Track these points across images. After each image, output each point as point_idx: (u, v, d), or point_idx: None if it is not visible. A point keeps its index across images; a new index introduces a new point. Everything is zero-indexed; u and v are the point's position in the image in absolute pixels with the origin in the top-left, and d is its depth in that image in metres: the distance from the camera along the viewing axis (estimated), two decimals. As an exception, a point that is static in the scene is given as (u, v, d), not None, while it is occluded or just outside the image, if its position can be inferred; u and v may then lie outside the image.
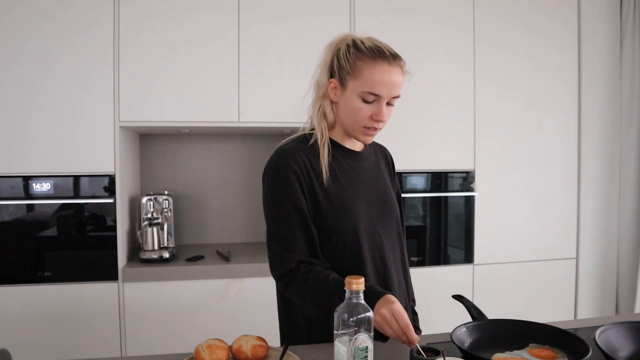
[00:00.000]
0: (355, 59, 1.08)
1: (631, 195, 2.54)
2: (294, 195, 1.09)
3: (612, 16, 2.54)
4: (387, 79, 1.07)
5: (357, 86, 1.09)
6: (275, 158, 1.14)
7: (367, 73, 1.07)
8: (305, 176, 1.10)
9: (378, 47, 1.09)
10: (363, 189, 1.17)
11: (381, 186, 1.23)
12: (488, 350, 1.00)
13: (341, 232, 1.12)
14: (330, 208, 1.11)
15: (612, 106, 2.56)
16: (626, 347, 1.02)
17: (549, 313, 2.45)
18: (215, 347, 0.97)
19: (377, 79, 1.07)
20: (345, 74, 1.10)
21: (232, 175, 2.63)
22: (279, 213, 1.10)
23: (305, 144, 1.15)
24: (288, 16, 2.17)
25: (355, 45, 1.10)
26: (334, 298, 0.98)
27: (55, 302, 1.95)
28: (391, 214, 1.22)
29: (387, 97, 1.09)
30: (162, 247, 2.15)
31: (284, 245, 1.09)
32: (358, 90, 1.09)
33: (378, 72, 1.07)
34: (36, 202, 1.96)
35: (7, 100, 1.93)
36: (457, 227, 2.40)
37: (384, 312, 0.95)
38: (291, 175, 1.10)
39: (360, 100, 1.09)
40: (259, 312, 2.05)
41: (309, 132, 1.20)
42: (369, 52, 1.08)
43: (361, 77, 1.08)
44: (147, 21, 2.04)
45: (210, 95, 2.11)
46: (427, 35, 2.29)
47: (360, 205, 1.15)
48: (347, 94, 1.11)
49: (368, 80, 1.07)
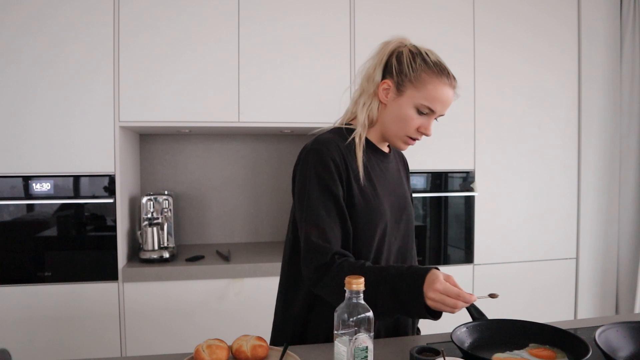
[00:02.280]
0: (421, 70, 1.09)
1: (631, 195, 2.54)
2: (335, 185, 1.07)
3: (612, 16, 2.54)
4: (445, 97, 1.10)
5: (416, 97, 1.09)
6: (315, 145, 1.10)
7: (431, 88, 1.08)
8: (344, 170, 1.09)
9: (442, 64, 1.11)
10: (388, 191, 1.17)
11: (401, 190, 1.24)
12: (488, 350, 1.00)
13: (367, 231, 1.11)
14: (362, 206, 1.10)
15: (612, 106, 2.56)
16: (626, 347, 1.02)
17: (549, 313, 2.45)
18: (215, 347, 0.97)
19: (438, 96, 1.09)
20: (407, 81, 1.09)
21: (232, 175, 2.63)
22: (318, 201, 1.06)
23: (342, 138, 1.13)
24: (288, 16, 2.16)
25: (421, 55, 1.10)
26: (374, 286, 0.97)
27: (55, 302, 1.95)
28: (409, 219, 1.23)
29: (439, 114, 1.12)
30: (162, 247, 2.15)
31: (322, 237, 1.05)
32: (416, 101, 1.09)
33: (441, 89, 1.09)
34: (36, 202, 1.96)
35: (7, 100, 1.93)
36: (457, 227, 2.40)
37: (433, 295, 0.93)
38: (332, 165, 1.07)
39: (414, 111, 1.10)
40: (259, 312, 2.05)
41: (345, 125, 1.18)
42: (436, 68, 1.09)
43: (423, 90, 1.09)
44: (147, 21, 2.04)
45: (210, 95, 2.11)
46: (427, 34, 2.28)
47: (386, 207, 1.15)
48: (402, 100, 1.11)
49: (430, 95, 1.09)
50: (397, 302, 0.98)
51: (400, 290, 0.97)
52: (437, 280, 0.94)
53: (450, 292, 0.93)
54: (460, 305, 0.94)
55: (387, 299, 0.98)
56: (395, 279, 0.98)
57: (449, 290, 0.93)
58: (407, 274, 0.98)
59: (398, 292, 0.97)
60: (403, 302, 0.97)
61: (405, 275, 0.98)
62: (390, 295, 0.98)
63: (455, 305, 0.93)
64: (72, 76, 1.97)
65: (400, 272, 1.00)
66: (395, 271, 1.00)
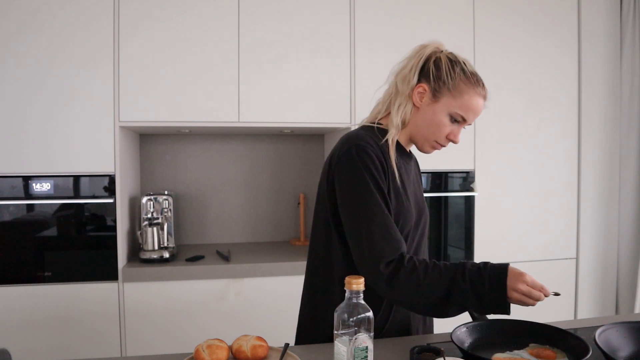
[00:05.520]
0: (459, 79, 1.10)
1: (631, 195, 2.54)
2: (383, 181, 1.07)
3: (612, 16, 2.54)
4: (479, 108, 1.12)
5: (452, 104, 1.10)
6: (358, 141, 1.08)
7: (468, 98, 1.10)
8: (384, 170, 1.09)
9: (478, 75, 1.13)
10: (412, 193, 1.18)
11: (420, 192, 1.25)
12: (488, 350, 1.00)
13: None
14: (397, 208, 1.10)
15: (612, 106, 2.56)
16: (626, 347, 1.02)
17: (549, 313, 2.44)
18: (215, 347, 0.97)
19: (473, 106, 1.11)
20: (445, 88, 1.10)
21: (232, 175, 2.63)
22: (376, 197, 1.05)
23: (377, 138, 1.12)
24: (288, 16, 2.16)
25: (460, 64, 1.12)
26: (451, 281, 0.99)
27: (55, 302, 1.95)
28: (426, 221, 1.23)
29: (469, 123, 1.14)
30: (162, 247, 2.15)
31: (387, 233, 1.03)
32: (451, 109, 1.11)
33: (476, 100, 1.11)
34: (36, 202, 1.96)
35: (7, 100, 1.93)
36: (457, 227, 2.40)
37: (522, 287, 0.97)
38: (378, 162, 1.07)
39: (448, 118, 1.12)
40: (259, 312, 2.06)
41: (377, 124, 1.17)
42: (473, 78, 1.11)
43: (460, 99, 1.10)
44: (147, 21, 2.04)
45: (210, 95, 2.11)
46: (427, 34, 2.26)
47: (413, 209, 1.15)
48: (437, 106, 1.11)
49: (465, 104, 1.10)
50: (476, 298, 0.99)
51: (482, 286, 0.99)
52: (525, 274, 0.98)
53: (537, 284, 0.98)
54: (542, 298, 0.98)
55: (466, 295, 0.99)
56: (474, 275, 1.00)
57: (535, 283, 0.98)
58: (487, 270, 1.00)
59: (478, 288, 0.99)
60: (483, 297, 0.99)
61: (486, 270, 1.00)
62: (470, 291, 0.99)
63: (539, 297, 0.98)
64: (72, 76, 1.97)
65: (479, 268, 1.01)
66: (473, 267, 1.02)
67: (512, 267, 1.00)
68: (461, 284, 0.99)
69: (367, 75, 2.23)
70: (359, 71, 2.23)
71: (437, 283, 1.00)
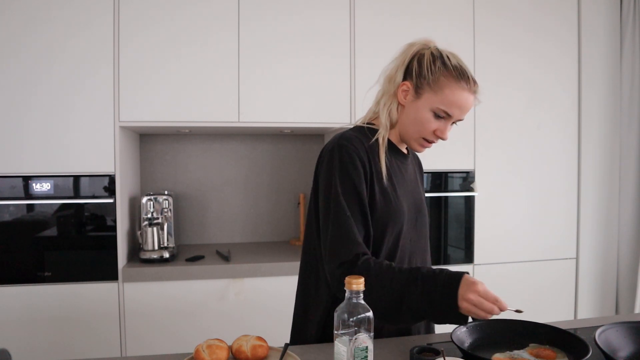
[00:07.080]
0: (439, 74, 1.07)
1: (631, 195, 2.54)
2: (360, 182, 1.06)
3: (612, 16, 2.54)
4: (464, 102, 1.08)
5: (433, 100, 1.08)
6: (341, 141, 1.08)
7: (448, 92, 1.07)
8: (368, 170, 1.08)
9: (463, 68, 1.09)
10: (406, 193, 1.17)
11: (417, 192, 1.23)
12: (488, 350, 1.00)
13: (386, 232, 1.10)
14: (383, 207, 1.09)
15: (612, 106, 2.56)
16: (626, 347, 1.02)
17: (549, 313, 2.45)
18: (215, 347, 0.97)
19: (456, 101, 1.07)
20: (425, 84, 1.09)
21: (232, 175, 2.63)
22: (343, 198, 1.05)
23: (365, 137, 1.12)
24: (288, 15, 2.16)
25: (441, 58, 1.09)
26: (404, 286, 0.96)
27: (55, 302, 1.95)
28: (424, 222, 1.22)
29: (457, 118, 1.10)
30: (162, 247, 2.15)
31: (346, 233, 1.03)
32: (433, 105, 1.08)
33: (459, 94, 1.07)
34: (36, 202, 1.96)
35: (7, 100, 1.93)
36: (457, 227, 2.40)
37: (471, 297, 0.92)
38: (358, 161, 1.06)
39: (431, 114, 1.09)
40: (259, 312, 2.06)
41: (367, 124, 1.17)
42: (455, 72, 1.08)
43: (441, 94, 1.07)
44: (147, 20, 2.04)
45: (210, 95, 2.11)
46: (427, 33, 2.27)
47: (405, 208, 1.14)
48: (419, 103, 1.10)
49: (447, 99, 1.07)
50: (427, 304, 0.96)
51: (434, 291, 0.95)
52: (478, 283, 0.93)
53: (489, 296, 0.92)
54: (496, 311, 0.93)
55: (417, 300, 0.96)
56: (427, 280, 0.97)
57: (488, 294, 0.93)
58: (441, 276, 0.97)
59: (430, 293, 0.95)
60: (434, 304, 0.95)
61: (439, 277, 0.97)
62: (421, 296, 0.96)
63: (491, 310, 0.92)
64: (72, 76, 1.97)
65: (433, 273, 0.98)
66: (427, 272, 0.98)
67: (467, 276, 0.96)
68: (413, 289, 0.96)
69: (367, 75, 2.23)
70: (359, 71, 2.23)
71: (389, 286, 0.98)
